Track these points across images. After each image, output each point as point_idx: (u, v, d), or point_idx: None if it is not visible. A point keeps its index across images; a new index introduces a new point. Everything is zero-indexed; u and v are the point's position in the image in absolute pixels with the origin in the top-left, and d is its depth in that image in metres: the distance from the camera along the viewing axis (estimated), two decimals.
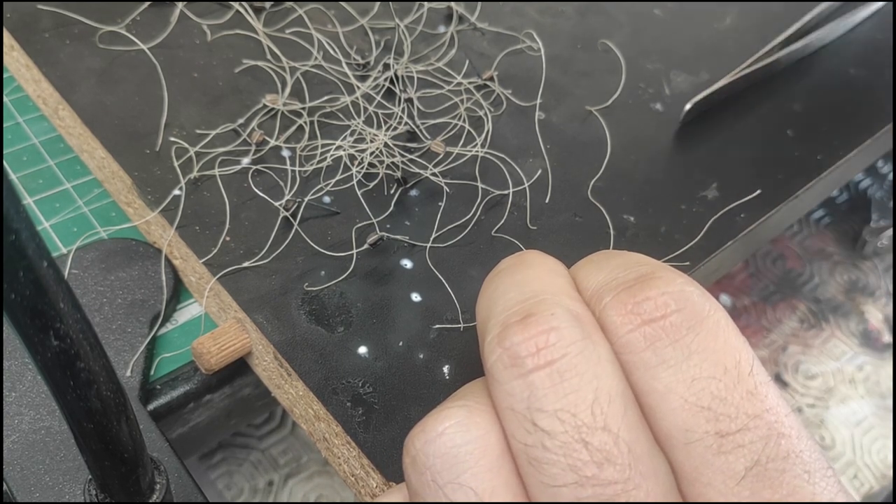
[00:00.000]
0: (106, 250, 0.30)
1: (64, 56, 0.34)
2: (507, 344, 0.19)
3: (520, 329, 0.19)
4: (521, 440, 0.18)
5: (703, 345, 0.18)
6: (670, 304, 0.19)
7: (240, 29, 0.37)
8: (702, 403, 0.18)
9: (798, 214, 0.39)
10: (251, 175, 0.31)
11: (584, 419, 0.18)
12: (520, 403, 0.18)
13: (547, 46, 0.40)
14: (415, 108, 0.35)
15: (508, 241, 0.31)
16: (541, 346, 0.18)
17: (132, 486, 0.21)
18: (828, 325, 0.51)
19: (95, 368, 0.18)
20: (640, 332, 0.19)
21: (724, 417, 0.18)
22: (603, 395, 0.18)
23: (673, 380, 0.18)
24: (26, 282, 0.15)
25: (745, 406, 0.18)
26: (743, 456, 0.17)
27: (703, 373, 0.18)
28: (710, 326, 0.19)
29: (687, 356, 0.18)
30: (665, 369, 0.18)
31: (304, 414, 0.26)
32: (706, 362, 0.18)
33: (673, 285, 0.19)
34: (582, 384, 0.18)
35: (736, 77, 0.39)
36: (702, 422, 0.18)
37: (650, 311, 0.19)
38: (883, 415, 0.47)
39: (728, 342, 0.18)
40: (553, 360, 0.18)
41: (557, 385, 0.18)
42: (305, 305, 0.28)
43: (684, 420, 0.18)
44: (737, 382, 0.18)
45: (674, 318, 0.18)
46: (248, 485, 0.40)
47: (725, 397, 0.18)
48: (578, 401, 0.18)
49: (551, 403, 0.18)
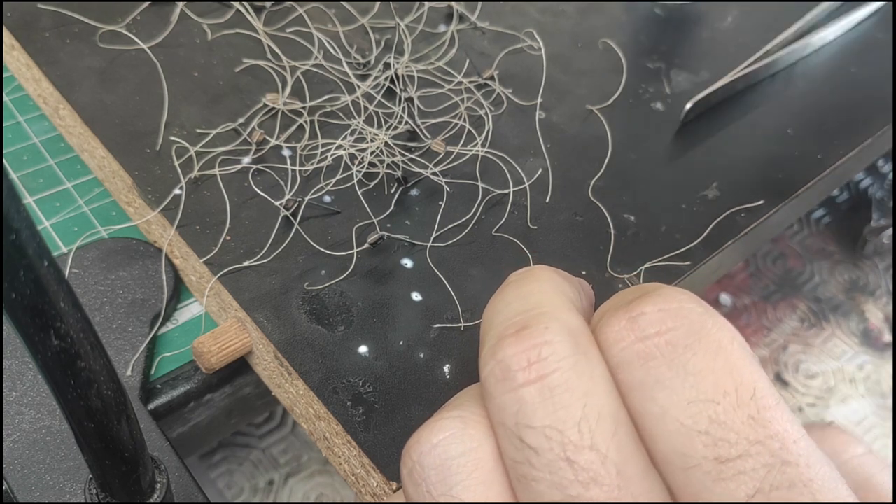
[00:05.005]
0: (106, 249, 0.30)
1: (64, 55, 0.34)
2: (500, 356, 0.18)
3: (513, 342, 0.18)
4: (511, 456, 0.18)
5: (702, 365, 0.17)
6: (666, 320, 0.18)
7: (240, 28, 0.37)
8: (699, 427, 0.17)
9: (798, 214, 0.39)
10: (251, 174, 0.31)
11: (571, 437, 0.17)
12: (509, 418, 0.18)
13: (547, 45, 0.40)
14: (415, 107, 0.35)
15: (509, 241, 0.31)
16: (532, 359, 0.18)
17: (133, 485, 0.21)
18: (828, 325, 0.51)
19: (96, 368, 0.18)
20: (633, 350, 0.18)
21: (723, 443, 0.17)
22: (592, 412, 0.17)
23: (669, 402, 0.17)
24: (27, 281, 0.15)
25: (746, 431, 0.17)
26: (744, 483, 0.17)
27: (700, 395, 0.17)
28: (709, 345, 0.18)
29: (683, 377, 0.17)
30: (660, 390, 0.17)
31: (304, 413, 0.26)
32: (704, 384, 0.17)
33: (671, 302, 0.18)
34: (572, 401, 0.17)
35: (736, 77, 0.39)
36: (699, 446, 0.17)
37: (645, 327, 0.18)
38: (883, 414, 0.47)
39: (729, 363, 0.17)
40: (544, 375, 0.18)
41: (547, 401, 0.17)
42: (306, 305, 0.28)
43: (681, 444, 0.17)
44: (737, 406, 0.17)
45: (670, 336, 0.18)
46: (248, 484, 0.40)
47: (725, 421, 0.17)
48: (567, 417, 0.17)
49: (539, 419, 0.17)
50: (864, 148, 0.38)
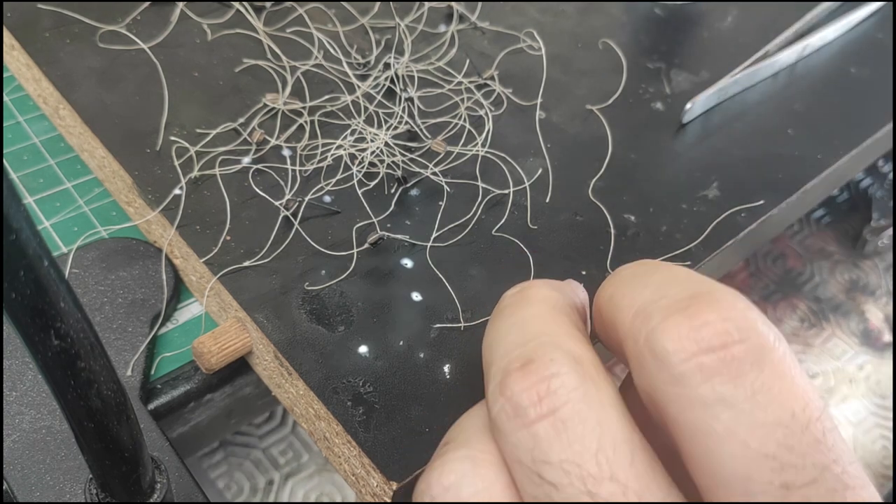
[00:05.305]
0: (106, 249, 0.30)
1: (64, 55, 0.34)
2: (509, 393, 0.18)
3: (520, 377, 0.18)
4: (530, 493, 0.18)
5: (769, 384, 0.16)
6: (733, 332, 0.17)
7: (240, 28, 0.37)
8: (766, 451, 0.16)
9: (798, 213, 0.39)
10: (252, 174, 0.31)
11: (590, 469, 0.17)
12: (525, 455, 0.17)
13: (547, 45, 0.40)
14: (415, 107, 0.35)
15: (509, 241, 0.31)
16: (542, 394, 0.18)
17: (133, 485, 0.21)
18: (828, 325, 0.51)
19: (96, 368, 0.18)
20: (695, 363, 0.17)
21: (790, 468, 0.16)
22: (608, 442, 0.17)
23: (734, 422, 0.16)
24: (27, 281, 0.15)
25: (813, 455, 0.16)
26: None
27: (768, 417, 0.16)
28: (775, 363, 0.17)
29: (751, 396, 0.16)
30: (725, 409, 0.16)
31: (304, 413, 0.26)
32: (773, 405, 0.16)
33: (734, 310, 0.17)
34: (586, 432, 0.17)
35: (736, 77, 0.39)
36: (766, 471, 0.16)
37: (709, 338, 0.17)
38: (883, 414, 0.47)
39: (794, 381, 0.17)
40: (555, 409, 0.17)
41: (561, 434, 0.17)
42: (306, 305, 0.28)
43: (746, 467, 0.16)
44: (804, 429, 0.16)
45: (736, 350, 0.17)
46: (248, 484, 0.40)
47: (792, 445, 0.16)
48: (583, 450, 0.17)
49: (556, 454, 0.17)
50: (864, 148, 0.38)
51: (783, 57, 0.41)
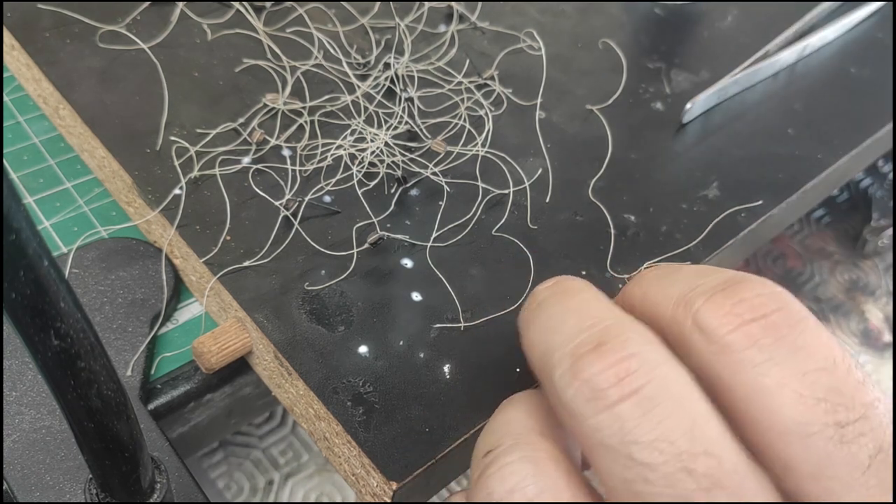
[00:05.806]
0: (106, 249, 0.30)
1: (64, 55, 0.34)
2: (585, 376, 0.18)
3: (595, 359, 0.18)
4: (620, 475, 0.17)
5: (808, 340, 0.18)
6: (768, 303, 0.19)
7: (240, 28, 0.37)
8: (817, 395, 0.17)
9: (798, 213, 0.39)
10: (251, 174, 0.31)
11: (684, 446, 0.17)
12: (611, 437, 0.17)
13: (547, 45, 0.40)
14: (415, 107, 0.35)
15: (509, 241, 0.31)
16: (621, 374, 0.18)
17: (133, 485, 0.21)
18: (828, 325, 0.51)
19: (96, 368, 0.18)
20: (741, 332, 0.18)
21: (841, 408, 0.17)
22: (700, 417, 0.17)
23: (783, 374, 0.18)
24: (27, 281, 0.15)
25: (860, 395, 0.18)
26: (865, 445, 0.17)
27: (813, 365, 0.18)
28: (810, 324, 0.19)
29: (794, 351, 0.18)
30: (773, 365, 0.18)
31: (304, 413, 0.26)
32: (815, 356, 0.18)
33: (766, 287, 0.19)
34: (673, 409, 0.17)
35: (736, 77, 0.39)
36: (820, 413, 0.17)
37: (749, 311, 0.18)
38: None
39: (830, 339, 0.18)
40: (639, 388, 0.17)
41: (649, 413, 0.17)
42: (306, 305, 0.28)
43: (801, 413, 0.17)
44: (847, 373, 0.18)
45: (775, 317, 0.18)
46: (248, 484, 0.40)
47: (839, 388, 0.18)
48: (674, 427, 0.17)
49: (646, 434, 0.17)
50: (864, 148, 0.38)
51: (783, 57, 0.41)
